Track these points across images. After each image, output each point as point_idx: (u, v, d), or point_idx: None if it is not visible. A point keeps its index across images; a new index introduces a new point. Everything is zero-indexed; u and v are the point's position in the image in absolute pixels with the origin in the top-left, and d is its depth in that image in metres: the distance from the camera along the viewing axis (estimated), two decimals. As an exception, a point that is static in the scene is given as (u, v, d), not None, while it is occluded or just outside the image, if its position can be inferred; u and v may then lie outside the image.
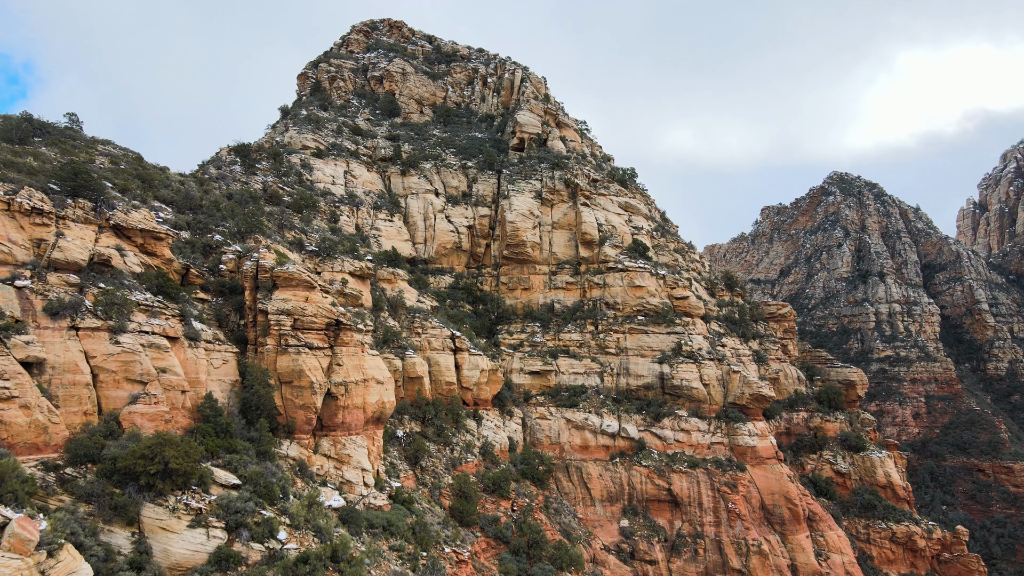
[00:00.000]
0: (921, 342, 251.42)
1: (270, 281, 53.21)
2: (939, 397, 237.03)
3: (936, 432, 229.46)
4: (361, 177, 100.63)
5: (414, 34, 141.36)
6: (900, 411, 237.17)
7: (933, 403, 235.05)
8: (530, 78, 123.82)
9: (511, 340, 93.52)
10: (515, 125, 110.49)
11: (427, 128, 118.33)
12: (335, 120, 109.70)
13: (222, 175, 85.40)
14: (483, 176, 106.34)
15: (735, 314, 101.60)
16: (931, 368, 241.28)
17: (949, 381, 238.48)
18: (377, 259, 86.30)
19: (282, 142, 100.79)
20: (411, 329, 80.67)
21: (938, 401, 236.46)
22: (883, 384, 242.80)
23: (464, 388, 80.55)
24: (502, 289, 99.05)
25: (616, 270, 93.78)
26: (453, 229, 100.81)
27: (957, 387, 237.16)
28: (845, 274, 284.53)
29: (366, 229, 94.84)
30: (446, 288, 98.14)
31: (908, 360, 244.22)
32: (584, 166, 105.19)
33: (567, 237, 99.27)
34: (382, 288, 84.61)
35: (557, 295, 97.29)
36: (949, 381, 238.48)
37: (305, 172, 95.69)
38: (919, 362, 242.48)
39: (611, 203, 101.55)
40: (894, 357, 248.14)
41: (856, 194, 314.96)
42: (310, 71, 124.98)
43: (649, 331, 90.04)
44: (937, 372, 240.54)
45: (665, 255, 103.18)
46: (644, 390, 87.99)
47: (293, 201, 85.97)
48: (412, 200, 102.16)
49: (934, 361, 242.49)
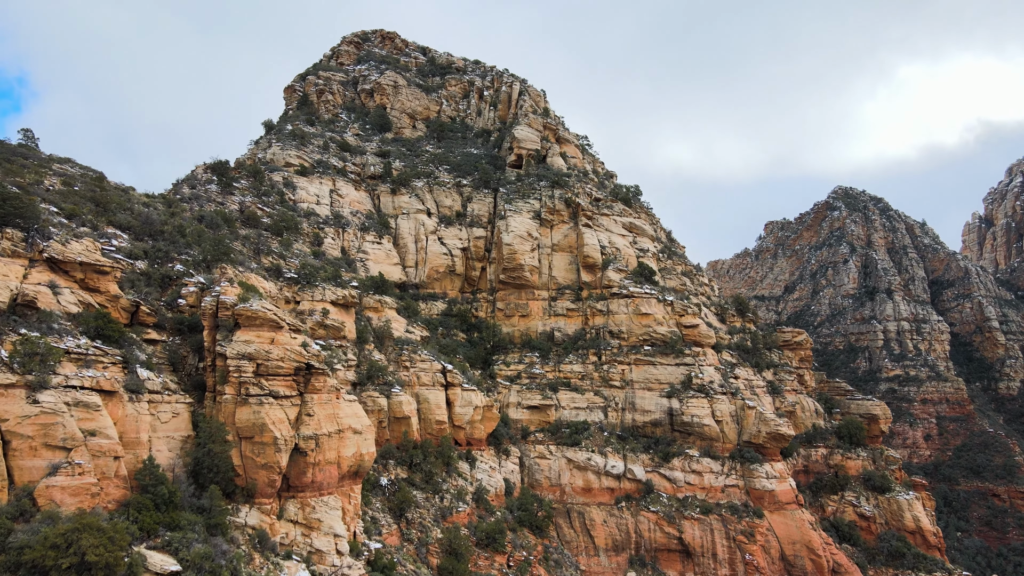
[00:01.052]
0: (931, 361, 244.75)
1: (231, 320, 46.77)
2: (951, 418, 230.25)
3: (948, 455, 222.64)
4: (348, 196, 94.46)
5: (407, 45, 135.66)
6: (911, 433, 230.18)
7: (945, 424, 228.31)
8: (528, 91, 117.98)
9: (508, 371, 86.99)
10: (512, 141, 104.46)
11: (420, 144, 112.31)
12: (322, 135, 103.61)
13: (196, 195, 79.22)
14: (478, 195, 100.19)
15: (747, 342, 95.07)
16: (942, 388, 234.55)
17: (961, 402, 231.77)
18: (363, 286, 79.98)
19: (264, 159, 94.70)
20: (398, 362, 74.19)
21: (950, 422, 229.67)
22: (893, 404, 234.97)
23: (456, 427, 73.94)
24: (498, 316, 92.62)
25: (620, 296, 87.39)
26: (446, 252, 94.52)
27: (969, 408, 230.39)
28: (852, 291, 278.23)
29: (352, 252, 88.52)
30: (438, 315, 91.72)
31: (918, 380, 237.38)
32: (586, 184, 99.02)
33: (568, 260, 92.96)
34: (368, 318, 78.23)
35: (557, 323, 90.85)
36: (961, 402, 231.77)
37: (288, 191, 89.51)
38: (929, 382, 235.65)
39: (615, 224, 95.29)
40: (903, 377, 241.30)
41: (862, 209, 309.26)
42: (297, 84, 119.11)
43: (656, 362, 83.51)
44: (948, 392, 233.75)
45: (672, 279, 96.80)
46: (651, 427, 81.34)
47: (272, 223, 79.74)
48: (403, 221, 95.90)
49: (945, 381, 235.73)
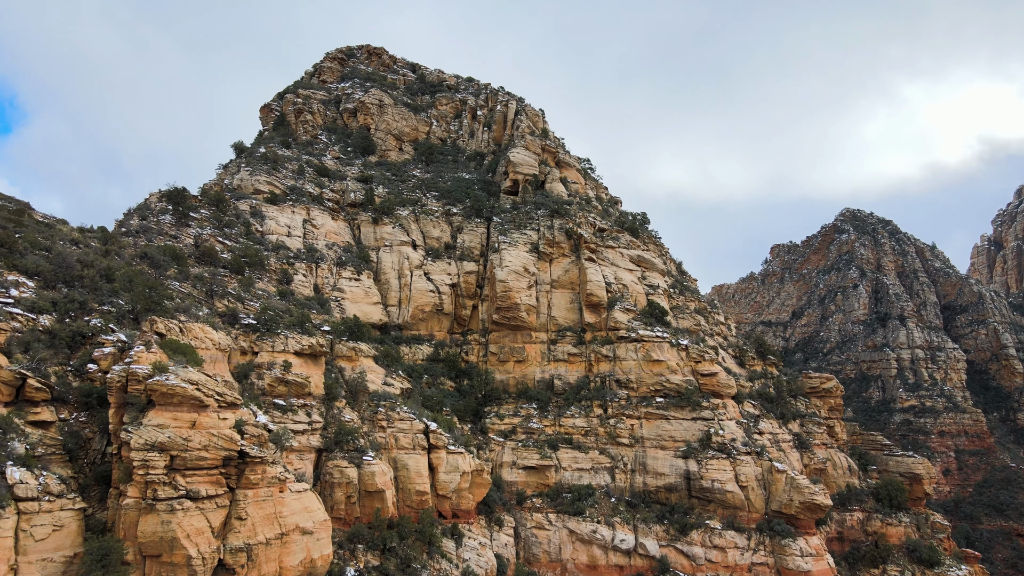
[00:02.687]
0: (948, 391, 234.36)
1: (144, 396, 36.75)
2: (970, 452, 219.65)
3: (969, 491, 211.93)
4: (324, 227, 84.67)
5: (395, 62, 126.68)
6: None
7: (964, 459, 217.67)
8: (526, 110, 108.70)
9: (501, 426, 76.74)
10: (508, 165, 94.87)
11: (406, 168, 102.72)
12: (298, 159, 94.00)
13: (145, 228, 69.45)
14: (470, 225, 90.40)
15: (770, 388, 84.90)
16: (960, 420, 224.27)
17: (980, 434, 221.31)
18: (335, 330, 69.95)
19: (231, 185, 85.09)
20: (374, 422, 64.01)
21: (969, 456, 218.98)
22: (908, 437, 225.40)
23: (441, 496, 63.56)
24: (491, 361, 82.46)
25: (629, 340, 77.34)
26: (433, 289, 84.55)
27: (989, 441, 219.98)
28: (862, 317, 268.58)
29: (327, 291, 78.58)
30: (423, 360, 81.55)
31: (935, 411, 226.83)
32: (589, 212, 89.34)
33: (569, 299, 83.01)
34: (340, 368, 68.14)
35: (557, 369, 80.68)
36: (980, 434, 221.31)
37: (255, 221, 79.76)
38: (947, 413, 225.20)
39: (621, 257, 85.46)
40: (919, 407, 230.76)
41: (870, 232, 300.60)
42: (275, 103, 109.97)
43: (670, 416, 73.27)
44: (967, 424, 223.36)
45: (685, 318, 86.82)
46: (666, 492, 70.91)
47: (233, 259, 69.90)
48: (385, 254, 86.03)
49: (963, 412, 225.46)
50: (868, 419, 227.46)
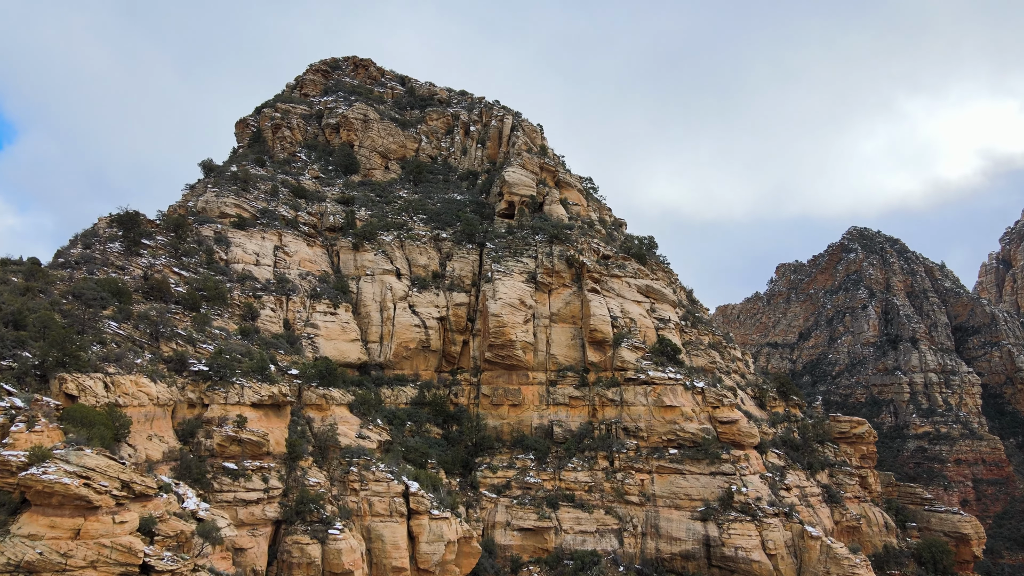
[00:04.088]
0: (963, 417, 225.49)
1: (17, 493, 28.08)
2: (988, 481, 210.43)
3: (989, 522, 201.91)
4: (298, 254, 76.16)
5: (383, 74, 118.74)
6: (945, 497, 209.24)
7: (982, 488, 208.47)
8: (522, 126, 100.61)
9: (494, 479, 67.82)
10: (503, 185, 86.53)
11: (392, 188, 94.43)
12: (272, 179, 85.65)
13: (88, 258, 60.92)
14: (460, 251, 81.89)
15: (794, 433, 76.17)
16: (977, 447, 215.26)
17: (999, 462, 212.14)
18: (304, 374, 61.29)
19: (195, 208, 76.69)
20: (345, 483, 55.20)
21: (987, 486, 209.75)
22: (924, 466, 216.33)
23: (422, 571, 54.52)
24: (483, 404, 73.67)
25: (637, 382, 68.63)
26: (419, 323, 75.87)
27: (1008, 470, 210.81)
28: (872, 339, 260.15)
29: (298, 327, 69.96)
30: (407, 404, 72.75)
31: (950, 437, 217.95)
32: (592, 238, 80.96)
33: (570, 334, 74.38)
34: (308, 419, 59.41)
35: (557, 414, 71.87)
36: (999, 462, 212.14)
37: (219, 249, 71.28)
38: (963, 440, 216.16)
39: (628, 287, 76.94)
40: (934, 434, 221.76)
41: (878, 251, 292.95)
42: (252, 118, 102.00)
43: (686, 471, 64.44)
44: (984, 452, 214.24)
45: (699, 355, 78.16)
46: (682, 560, 61.88)
47: (188, 293, 61.30)
48: (366, 284, 77.47)
49: (980, 439, 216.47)
50: (881, 446, 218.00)
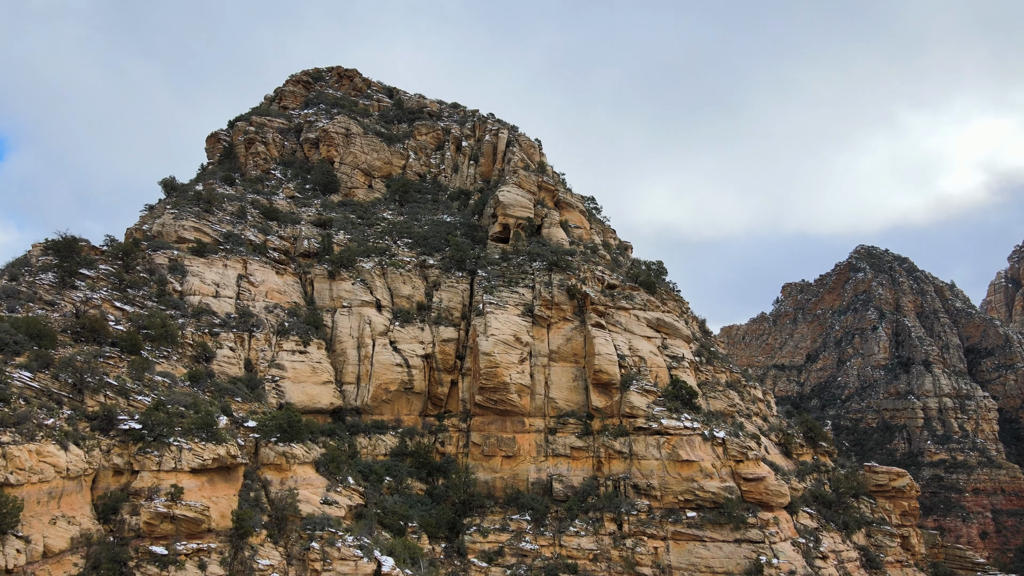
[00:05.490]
0: (980, 444, 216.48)
1: None
2: (1008, 512, 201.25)
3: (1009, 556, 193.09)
4: (265, 284, 67.56)
5: (370, 86, 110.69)
6: (964, 529, 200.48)
7: (1002, 520, 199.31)
8: (519, 141, 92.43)
9: (485, 544, 58.80)
10: (497, 206, 78.07)
11: (376, 209, 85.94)
12: (241, 199, 77.21)
13: (11, 291, 52.39)
14: (449, 279, 73.30)
15: (825, 486, 67.30)
16: (996, 476, 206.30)
17: (1019, 492, 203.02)
18: (263, 427, 52.51)
19: (151, 231, 68.25)
20: (304, 562, 46.31)
21: (1007, 517, 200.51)
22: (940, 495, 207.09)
23: (396, 668, 45.55)
24: (473, 454, 64.82)
25: (648, 431, 59.90)
26: (401, 362, 67.12)
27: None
28: (883, 361, 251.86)
29: (261, 368, 61.27)
30: (386, 455, 63.91)
31: (967, 466, 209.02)
32: (596, 264, 72.48)
33: (572, 375, 65.68)
34: (265, 482, 50.58)
35: (557, 467, 62.99)
36: (1019, 492, 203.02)
37: (174, 279, 62.74)
38: (981, 468, 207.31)
39: (636, 321, 68.36)
40: (950, 462, 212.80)
41: (887, 270, 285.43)
42: (224, 132, 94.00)
43: (706, 537, 55.52)
44: (1004, 481, 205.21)
45: (717, 397, 69.47)
46: (703, 645, 52.88)
47: (128, 333, 52.66)
48: (342, 317, 68.80)
49: (999, 468, 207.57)
50: None
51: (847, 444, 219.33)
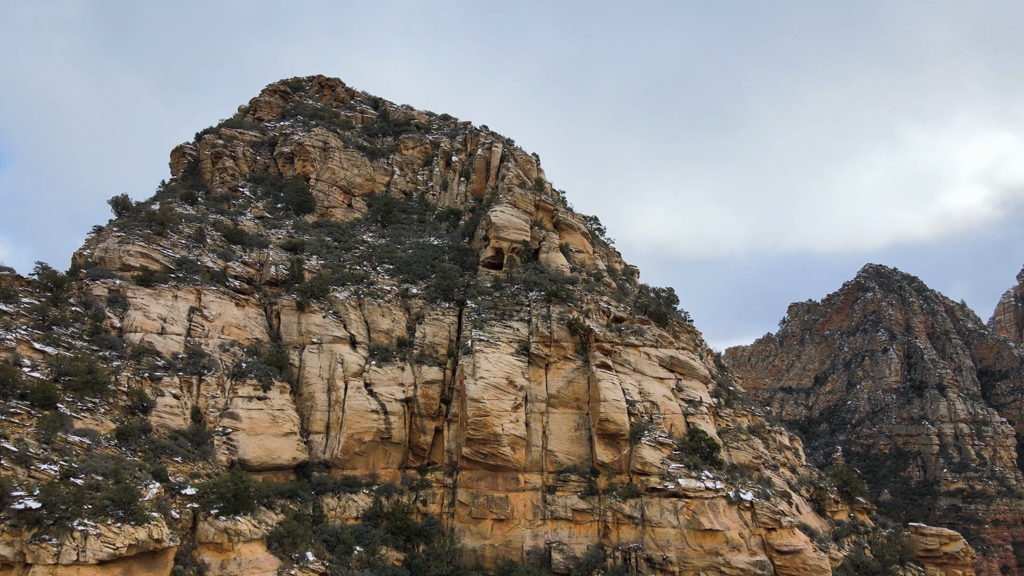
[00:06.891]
0: (999, 472, 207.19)
1: None
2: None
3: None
4: (221, 318, 58.85)
5: (353, 96, 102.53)
6: (985, 563, 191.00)
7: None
8: (514, 155, 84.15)
9: (472, 629, 49.77)
10: (489, 228, 69.55)
11: (355, 230, 77.44)
12: (201, 219, 68.76)
13: (-97, 334, 43.68)
14: (434, 311, 64.58)
15: (865, 550, 58.19)
16: (1016, 507, 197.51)
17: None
18: (204, 495, 43.57)
19: (92, 258, 59.63)
20: (245, 673, 37.20)
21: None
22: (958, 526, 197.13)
23: None
24: (460, 515, 55.85)
25: (664, 493, 51.03)
26: (377, 408, 58.26)
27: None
28: (895, 384, 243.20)
29: (212, 419, 52.39)
30: (358, 518, 54.87)
31: (986, 495, 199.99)
32: (600, 295, 63.90)
33: (573, 424, 56.87)
34: (202, 566, 41.53)
35: (557, 532, 53.97)
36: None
37: (113, 313, 54.06)
38: (1000, 498, 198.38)
39: (647, 360, 59.61)
40: (968, 491, 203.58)
41: (896, 289, 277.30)
42: (191, 145, 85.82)
43: (735, 624, 46.50)
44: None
45: (740, 448, 60.59)
46: None
47: (40, 384, 43.77)
48: (310, 355, 60.03)
49: (1019, 498, 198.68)
50: (909, 503, 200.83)
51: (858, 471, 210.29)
